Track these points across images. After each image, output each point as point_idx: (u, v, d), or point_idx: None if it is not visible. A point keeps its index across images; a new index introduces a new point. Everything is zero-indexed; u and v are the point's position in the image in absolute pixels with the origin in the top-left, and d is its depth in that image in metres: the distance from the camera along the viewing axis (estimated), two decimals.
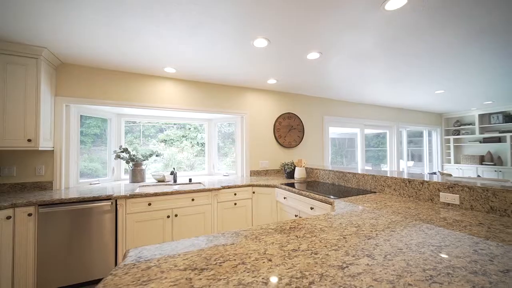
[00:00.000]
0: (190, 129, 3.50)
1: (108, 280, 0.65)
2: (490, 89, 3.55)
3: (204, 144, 3.46)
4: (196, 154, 3.47)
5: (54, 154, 2.26)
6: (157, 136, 3.28)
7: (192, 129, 3.51)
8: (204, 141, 3.47)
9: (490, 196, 1.27)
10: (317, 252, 0.81)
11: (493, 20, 1.62)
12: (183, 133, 3.45)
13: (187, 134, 3.47)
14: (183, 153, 3.41)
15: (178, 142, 3.39)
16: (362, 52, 2.15)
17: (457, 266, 0.70)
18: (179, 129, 3.44)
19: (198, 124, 3.46)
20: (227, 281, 0.64)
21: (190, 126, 3.49)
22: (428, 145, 5.99)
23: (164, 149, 3.27)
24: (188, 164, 3.42)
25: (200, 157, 3.50)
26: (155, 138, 3.27)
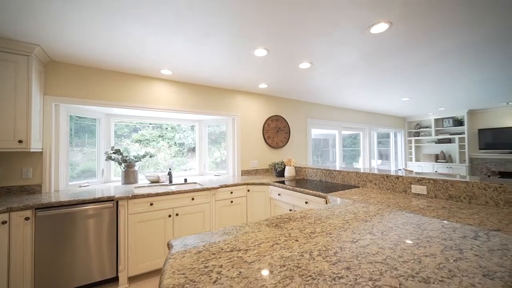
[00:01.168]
0: (167, 129, 3.37)
1: (171, 262, 0.77)
2: (443, 97, 4.19)
3: (183, 145, 3.42)
4: (174, 154, 3.36)
5: (43, 156, 2.16)
6: (131, 136, 3.10)
7: (169, 129, 3.38)
8: (182, 141, 3.41)
9: (449, 186, 1.61)
10: (331, 233, 1.01)
11: (454, 43, 2.00)
12: (159, 133, 3.32)
13: (164, 134, 3.34)
14: (160, 154, 3.27)
15: (154, 142, 3.26)
16: (345, 64, 2.45)
17: (432, 236, 0.96)
18: (155, 128, 3.30)
19: (187, 124, 3.50)
20: (271, 256, 0.80)
21: (167, 126, 3.36)
22: (394, 145, 6.73)
23: (139, 150, 3.11)
24: (166, 165, 3.29)
25: (178, 158, 3.39)
26: (129, 138, 3.07)
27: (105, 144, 2.80)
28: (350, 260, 0.76)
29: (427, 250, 0.83)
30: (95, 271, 1.89)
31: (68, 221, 1.81)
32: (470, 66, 2.55)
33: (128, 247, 1.98)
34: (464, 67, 2.56)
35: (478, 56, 2.27)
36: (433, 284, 0.62)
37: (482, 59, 2.35)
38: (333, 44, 1.97)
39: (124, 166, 2.64)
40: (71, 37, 1.79)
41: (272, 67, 2.50)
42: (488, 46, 2.04)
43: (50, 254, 1.75)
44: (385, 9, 1.48)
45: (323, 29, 1.71)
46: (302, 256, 0.80)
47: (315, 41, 1.91)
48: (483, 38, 1.89)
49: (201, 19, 1.57)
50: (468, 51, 2.14)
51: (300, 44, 1.96)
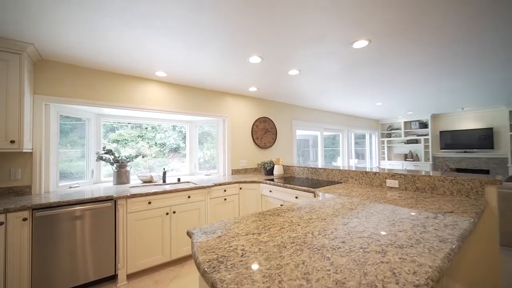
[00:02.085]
0: (147, 129, 3.28)
1: (199, 244, 0.91)
2: (411, 103, 4.70)
3: (164, 145, 3.37)
4: (154, 155, 3.29)
5: (33, 156, 2.11)
6: (108, 135, 2.95)
7: (150, 129, 3.30)
8: (163, 142, 3.37)
9: (416, 180, 1.92)
10: (325, 219, 1.21)
11: (420, 58, 2.34)
12: (138, 132, 3.21)
13: (144, 134, 3.26)
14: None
15: (133, 142, 3.17)
16: (329, 72, 2.71)
17: (404, 218, 1.20)
18: (134, 128, 3.19)
19: (178, 125, 3.54)
20: (281, 236, 0.98)
21: (147, 126, 3.27)
22: (369, 145, 7.29)
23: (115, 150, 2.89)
24: (146, 166, 3.20)
25: (160, 158, 3.32)
26: (105, 138, 2.92)
27: (95, 144, 2.76)
28: (344, 237, 0.96)
29: (400, 227, 1.06)
30: (94, 270, 1.92)
31: (67, 221, 1.82)
32: (433, 77, 2.96)
33: (127, 245, 2.03)
34: (428, 78, 2.97)
35: (439, 70, 2.66)
36: (405, 248, 0.84)
37: (442, 72, 2.75)
38: (320, 55, 2.20)
39: (116, 167, 2.64)
40: (66, 37, 1.78)
41: (264, 73, 2.68)
42: (446, 61, 2.42)
43: (48, 254, 1.74)
44: (365, 28, 1.74)
45: (313, 42, 1.93)
46: (306, 235, 0.98)
47: (304, 51, 2.12)
48: (442, 55, 2.25)
49: (201, 29, 1.69)
50: (431, 65, 2.51)
51: (291, 53, 2.16)
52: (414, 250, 0.83)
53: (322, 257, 0.79)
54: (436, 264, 0.73)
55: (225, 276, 0.68)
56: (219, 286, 0.64)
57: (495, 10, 1.52)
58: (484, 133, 5.58)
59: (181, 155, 3.52)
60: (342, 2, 1.41)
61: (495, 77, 3.00)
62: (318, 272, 0.69)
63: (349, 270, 0.70)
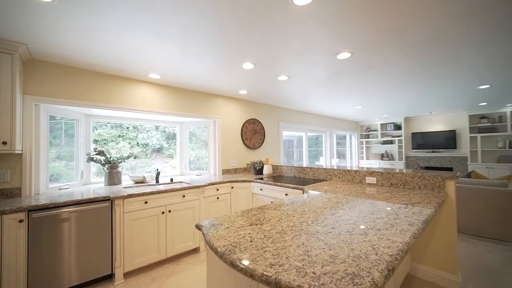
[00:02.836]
0: (128, 129, 3.18)
1: (211, 234, 1.04)
2: (387, 107, 5.13)
3: (146, 145, 3.31)
4: (127, 155, 2.98)
5: (22, 158, 2.07)
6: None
7: (131, 129, 3.20)
8: (145, 142, 3.31)
9: (391, 177, 2.18)
10: (316, 211, 1.39)
11: (396, 69, 2.64)
12: (119, 132, 3.11)
13: (125, 134, 3.16)
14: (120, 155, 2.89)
15: (113, 142, 3.08)
16: (315, 79, 2.93)
17: (380, 208, 1.42)
18: (114, 128, 3.08)
19: (169, 126, 3.58)
20: (281, 225, 1.13)
21: (129, 126, 3.17)
22: (349, 146, 7.74)
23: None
24: (128, 167, 3.08)
25: (142, 159, 3.23)
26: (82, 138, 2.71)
27: (85, 145, 2.73)
28: (333, 224, 1.15)
29: (378, 215, 1.27)
30: (90, 269, 1.94)
31: (63, 221, 1.83)
32: (406, 85, 3.31)
33: (124, 244, 2.07)
34: (401, 85, 3.31)
35: (411, 79, 3.00)
36: (383, 230, 1.04)
37: (413, 81, 3.10)
38: (308, 63, 2.40)
39: (108, 167, 2.64)
40: (64, 38, 1.79)
41: (255, 78, 2.83)
42: (417, 72, 2.74)
43: (44, 255, 1.75)
44: (348, 43, 1.96)
45: (302, 52, 2.12)
46: (302, 224, 1.15)
47: (294, 59, 2.31)
48: (413, 67, 2.56)
49: (200, 38, 1.81)
50: (404, 75, 2.83)
51: (282, 61, 2.34)
52: (389, 231, 1.03)
53: (317, 239, 0.96)
54: (405, 240, 0.93)
55: (241, 256, 0.82)
56: (238, 263, 0.78)
57: (458, 31, 1.81)
58: (449, 135, 6.21)
59: (164, 156, 3.48)
60: (327, 19, 1.61)
61: (458, 87, 3.42)
62: (315, 250, 0.86)
63: (340, 247, 0.88)
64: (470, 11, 1.51)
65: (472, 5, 1.45)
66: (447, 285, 1.89)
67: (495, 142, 5.53)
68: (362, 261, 0.77)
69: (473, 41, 1.95)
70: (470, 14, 1.55)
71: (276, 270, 0.72)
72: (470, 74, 2.83)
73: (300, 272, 0.71)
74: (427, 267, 2.01)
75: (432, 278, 1.97)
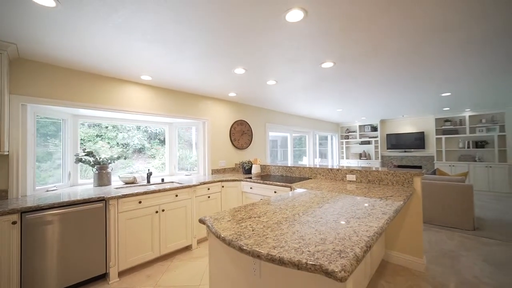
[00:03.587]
0: (107, 128, 3.07)
1: (217, 226, 1.17)
2: (364, 110, 5.53)
3: (127, 145, 3.22)
4: (116, 156, 2.94)
5: (9, 159, 2.02)
6: (59, 134, 2.63)
7: (110, 128, 3.10)
8: (126, 142, 3.22)
9: (368, 174, 2.44)
10: (305, 205, 1.57)
11: (370, 79, 2.92)
12: (97, 132, 2.99)
13: (104, 134, 3.07)
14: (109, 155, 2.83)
15: (91, 142, 2.96)
16: (301, 84, 3.14)
17: (360, 201, 1.63)
18: (92, 127, 2.95)
19: (154, 126, 3.58)
20: (276, 217, 1.29)
21: (108, 125, 3.07)
22: (330, 146, 8.16)
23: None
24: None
25: (122, 160, 3.11)
26: (56, 138, 2.60)
27: (72, 145, 2.68)
28: (321, 215, 1.33)
29: (358, 207, 1.48)
30: (85, 269, 1.95)
31: (57, 222, 1.83)
32: (381, 91, 3.64)
33: (119, 243, 2.10)
34: (377, 92, 3.64)
35: (385, 86, 3.32)
36: (362, 218, 1.24)
37: (388, 88, 3.43)
38: (295, 70, 2.59)
39: (97, 168, 2.63)
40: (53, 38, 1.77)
41: (245, 82, 2.97)
42: (391, 81, 3.06)
43: (38, 256, 1.74)
44: (331, 55, 2.17)
45: (290, 60, 2.30)
46: (294, 216, 1.32)
47: (282, 66, 2.48)
48: (386, 76, 2.86)
49: (195, 44, 1.91)
50: (380, 83, 3.13)
51: (271, 67, 2.50)
52: (367, 219, 1.23)
53: (309, 227, 1.13)
54: (380, 225, 1.13)
55: (247, 241, 0.97)
56: (246, 247, 0.92)
57: (422, 49, 2.10)
58: (418, 136, 6.82)
59: (146, 156, 3.43)
60: (314, 34, 1.80)
61: (425, 94, 3.84)
62: (308, 235, 1.03)
63: (328, 232, 1.05)
64: (431, 32, 1.79)
65: (433, 28, 1.72)
66: (414, 267, 2.18)
67: (457, 143, 6.19)
68: (346, 241, 0.95)
69: (435, 57, 2.26)
70: (432, 35, 1.82)
71: (278, 251, 0.87)
72: (434, 84, 3.22)
73: (298, 251, 0.87)
74: (398, 253, 2.29)
75: (402, 262, 2.26)
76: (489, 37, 1.88)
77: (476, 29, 1.75)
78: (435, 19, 1.60)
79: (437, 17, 1.58)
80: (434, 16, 1.57)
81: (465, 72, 2.75)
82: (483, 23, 1.67)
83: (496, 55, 2.24)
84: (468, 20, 1.62)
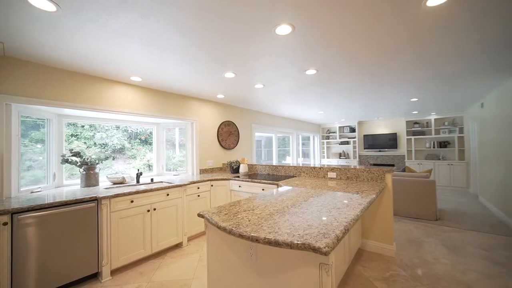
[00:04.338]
0: (84, 127, 2.95)
1: (216, 218, 1.30)
2: (343, 112, 5.92)
3: (105, 145, 3.12)
4: (94, 156, 2.79)
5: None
6: (29, 134, 2.45)
7: (87, 127, 2.98)
8: (104, 142, 3.12)
9: (347, 172, 2.70)
10: (292, 199, 1.76)
11: (352, 83, 3.20)
12: (72, 131, 2.85)
13: (79, 133, 2.95)
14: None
15: (65, 142, 2.79)
16: (286, 88, 3.35)
17: (339, 195, 1.86)
18: (67, 126, 2.80)
19: (145, 127, 3.58)
20: (268, 210, 1.46)
21: (84, 124, 2.94)
22: (313, 146, 8.54)
23: (43, 152, 2.53)
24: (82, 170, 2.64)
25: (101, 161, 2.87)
26: (27, 137, 2.43)
27: (57, 146, 2.63)
28: (307, 207, 1.52)
29: (338, 200, 1.69)
30: (77, 269, 1.97)
31: (48, 223, 1.83)
32: (358, 96, 3.98)
33: (111, 242, 2.14)
34: (354, 96, 3.97)
35: (361, 92, 3.64)
36: (341, 209, 1.45)
37: (364, 93, 3.76)
38: (281, 76, 2.78)
39: (85, 169, 2.61)
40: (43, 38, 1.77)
41: (234, 85, 3.11)
42: (366, 88, 3.37)
43: (29, 257, 1.74)
44: (315, 63, 2.39)
45: (278, 67, 2.48)
46: (284, 208, 1.50)
47: (269, 72, 2.66)
48: (362, 83, 3.16)
49: (193, 51, 2.02)
50: (356, 88, 3.44)
51: (259, 72, 2.67)
52: (345, 209, 1.44)
53: (297, 217, 1.31)
54: (356, 213, 1.34)
55: (246, 229, 1.12)
56: (244, 233, 1.07)
57: (391, 60, 2.39)
58: (391, 137, 7.40)
59: (126, 156, 3.34)
60: (300, 46, 1.99)
61: (396, 99, 4.24)
62: (297, 223, 1.20)
63: (313, 220, 1.24)
64: (390, 51, 2.06)
65: (390, 48, 2.00)
66: (386, 253, 2.47)
67: (424, 143, 6.83)
68: (329, 226, 1.14)
69: (399, 69, 2.57)
70: (390, 53, 2.11)
71: (273, 235, 1.04)
72: (403, 90, 3.60)
73: (289, 234, 1.04)
74: (372, 241, 2.58)
75: (376, 249, 2.54)
76: (442, 54, 2.20)
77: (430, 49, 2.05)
78: (391, 41, 1.87)
79: (390, 40, 1.85)
80: (389, 39, 1.84)
81: (427, 81, 3.13)
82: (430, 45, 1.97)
83: (452, 68, 2.61)
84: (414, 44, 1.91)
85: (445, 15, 1.55)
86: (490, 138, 4.03)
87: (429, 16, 1.56)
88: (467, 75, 2.88)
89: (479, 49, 2.10)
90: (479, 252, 2.48)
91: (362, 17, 1.57)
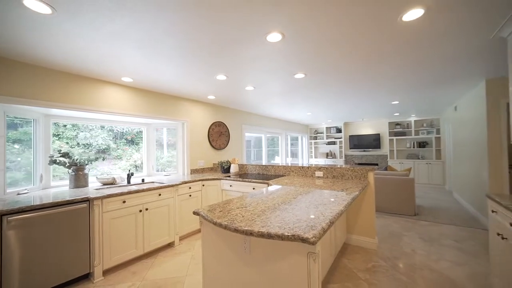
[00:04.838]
0: (66, 127, 2.85)
1: (211, 215, 1.38)
2: (330, 114, 6.14)
3: (89, 146, 3.03)
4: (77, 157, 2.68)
5: None
6: (7, 133, 2.27)
7: (69, 127, 2.88)
8: (88, 142, 3.02)
9: (333, 171, 2.86)
10: (282, 197, 1.87)
11: (338, 87, 3.37)
12: (53, 131, 2.73)
13: (61, 133, 2.83)
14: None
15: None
16: (276, 91, 3.47)
17: (326, 193, 1.99)
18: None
19: (135, 127, 3.56)
20: (260, 207, 1.55)
21: (66, 123, 2.85)
22: (301, 146, 8.75)
23: (21, 153, 2.41)
24: (65, 171, 2.70)
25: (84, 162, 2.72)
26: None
27: (44, 146, 2.58)
28: (296, 204, 1.63)
29: (325, 197, 1.82)
30: (69, 270, 1.96)
31: (40, 224, 1.82)
32: (343, 99, 4.17)
33: (103, 243, 2.14)
34: (340, 99, 4.16)
35: (345, 94, 3.83)
36: (327, 205, 1.57)
37: (348, 96, 3.96)
38: (271, 79, 2.89)
39: (74, 170, 2.58)
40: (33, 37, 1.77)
41: (225, 86, 3.18)
42: (351, 92, 3.56)
43: (20, 258, 1.72)
44: (303, 68, 2.52)
45: (268, 71, 2.59)
46: (274, 205, 1.60)
47: (260, 75, 2.76)
48: (346, 87, 3.34)
49: (187, 55, 2.08)
50: (341, 92, 3.62)
51: (250, 75, 2.76)
52: (331, 205, 1.57)
53: (287, 212, 1.42)
54: (340, 208, 1.47)
55: (241, 224, 1.21)
56: (239, 228, 1.16)
57: (382, 67, 2.56)
58: (375, 137, 7.75)
59: (111, 157, 3.26)
60: (289, 52, 2.10)
61: (378, 101, 4.49)
62: (287, 218, 1.31)
63: (302, 215, 1.35)
64: (378, 58, 2.23)
65: (369, 59, 2.17)
66: (369, 246, 2.65)
67: (405, 143, 7.22)
68: (316, 220, 1.25)
69: (380, 75, 2.76)
70: (379, 59, 2.28)
71: (266, 229, 1.13)
72: (384, 94, 3.83)
73: (280, 228, 1.14)
74: (356, 236, 2.75)
75: (359, 243, 2.71)
76: (419, 62, 2.41)
77: (407, 58, 2.24)
78: (372, 52, 2.03)
79: (371, 51, 2.01)
80: (370, 50, 2.00)
81: (406, 86, 3.36)
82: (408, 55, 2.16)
83: (428, 74, 2.84)
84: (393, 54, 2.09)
85: (420, 29, 1.72)
86: (462, 138, 4.37)
87: (405, 30, 1.72)
88: (442, 81, 3.13)
89: (451, 58, 2.32)
90: (452, 243, 2.72)
91: (346, 31, 1.71)
